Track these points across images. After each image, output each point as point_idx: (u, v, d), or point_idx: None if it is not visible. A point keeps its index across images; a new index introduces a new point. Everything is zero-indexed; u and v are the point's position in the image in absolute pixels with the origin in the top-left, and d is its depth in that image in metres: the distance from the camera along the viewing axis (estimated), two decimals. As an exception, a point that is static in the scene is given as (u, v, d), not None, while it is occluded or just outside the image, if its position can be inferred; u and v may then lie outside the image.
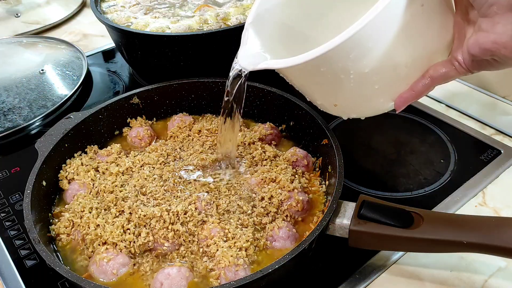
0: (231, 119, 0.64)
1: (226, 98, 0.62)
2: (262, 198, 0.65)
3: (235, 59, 0.59)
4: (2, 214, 0.74)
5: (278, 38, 0.62)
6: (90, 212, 0.64)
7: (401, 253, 0.65)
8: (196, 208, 0.63)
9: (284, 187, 0.66)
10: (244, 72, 0.57)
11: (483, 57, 0.48)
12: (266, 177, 0.67)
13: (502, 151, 0.81)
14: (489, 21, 0.46)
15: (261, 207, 0.64)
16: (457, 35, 0.52)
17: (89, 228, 0.62)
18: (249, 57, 0.57)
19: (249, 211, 0.63)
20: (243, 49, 0.58)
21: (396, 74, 0.53)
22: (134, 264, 0.59)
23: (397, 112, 0.57)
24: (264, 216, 0.63)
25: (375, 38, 0.48)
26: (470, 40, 0.49)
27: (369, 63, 0.49)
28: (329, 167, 0.68)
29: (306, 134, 0.76)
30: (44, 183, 0.67)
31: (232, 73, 0.59)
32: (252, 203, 0.65)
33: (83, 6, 1.45)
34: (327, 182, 0.69)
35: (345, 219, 0.58)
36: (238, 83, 0.59)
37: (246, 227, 0.61)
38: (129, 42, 0.95)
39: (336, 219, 0.58)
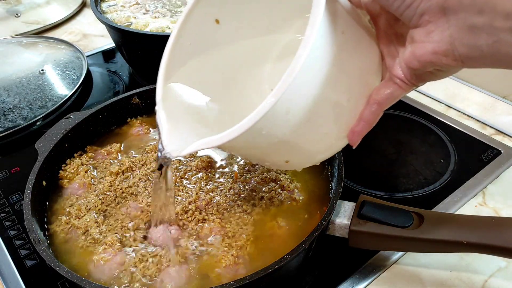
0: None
1: (156, 179, 0.56)
2: (262, 198, 0.65)
3: (159, 144, 0.51)
4: (2, 214, 0.74)
5: (195, 111, 0.56)
6: (88, 212, 0.64)
7: (401, 253, 0.65)
8: (196, 207, 0.63)
9: (284, 187, 0.66)
10: (170, 159, 0.51)
11: (425, 69, 0.43)
12: (266, 177, 0.67)
13: (502, 151, 0.81)
14: (422, 31, 0.41)
15: (261, 207, 0.64)
16: (386, 52, 0.48)
17: (87, 228, 0.62)
18: (175, 141, 0.50)
19: (249, 210, 0.63)
20: (164, 132, 0.51)
21: (341, 112, 0.49)
22: (134, 263, 0.59)
23: (353, 148, 0.52)
24: (264, 216, 0.63)
25: (309, 84, 0.43)
26: (405, 54, 0.44)
27: (312, 110, 0.45)
28: (329, 167, 0.68)
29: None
30: (44, 183, 0.67)
31: (159, 160, 0.53)
32: (252, 201, 0.65)
33: (83, 6, 1.45)
34: (327, 182, 0.69)
35: (345, 219, 0.58)
36: (166, 169, 0.54)
37: (246, 226, 0.61)
38: (129, 42, 0.95)
39: (336, 219, 0.58)
